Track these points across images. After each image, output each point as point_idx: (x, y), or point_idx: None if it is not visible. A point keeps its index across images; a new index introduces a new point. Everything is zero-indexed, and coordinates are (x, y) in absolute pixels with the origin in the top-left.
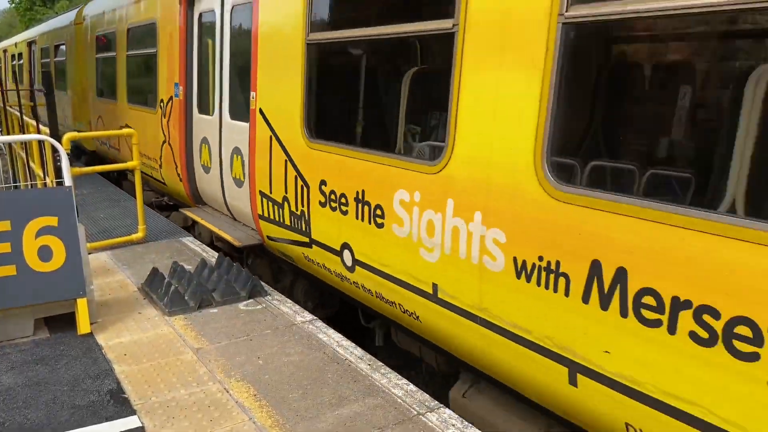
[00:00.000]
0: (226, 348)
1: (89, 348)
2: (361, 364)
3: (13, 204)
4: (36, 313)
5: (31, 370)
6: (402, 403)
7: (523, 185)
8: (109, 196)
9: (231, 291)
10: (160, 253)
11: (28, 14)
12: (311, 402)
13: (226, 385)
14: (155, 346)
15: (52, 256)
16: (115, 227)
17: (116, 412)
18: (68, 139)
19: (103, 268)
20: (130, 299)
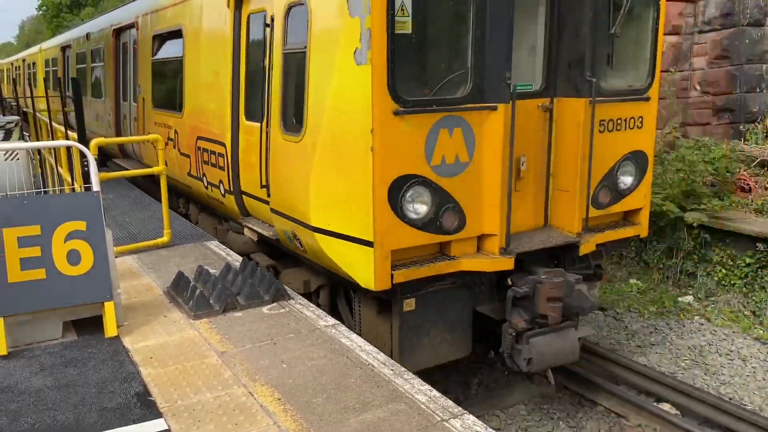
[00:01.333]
0: (250, 352)
1: (116, 351)
2: (384, 369)
3: (43, 209)
4: (64, 316)
5: (60, 372)
6: (425, 408)
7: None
8: (135, 200)
9: (255, 295)
10: (185, 257)
11: (54, 21)
12: (335, 407)
13: (250, 389)
14: (181, 350)
15: (81, 260)
16: (140, 231)
17: (143, 414)
18: (95, 144)
19: (129, 272)
20: (155, 302)
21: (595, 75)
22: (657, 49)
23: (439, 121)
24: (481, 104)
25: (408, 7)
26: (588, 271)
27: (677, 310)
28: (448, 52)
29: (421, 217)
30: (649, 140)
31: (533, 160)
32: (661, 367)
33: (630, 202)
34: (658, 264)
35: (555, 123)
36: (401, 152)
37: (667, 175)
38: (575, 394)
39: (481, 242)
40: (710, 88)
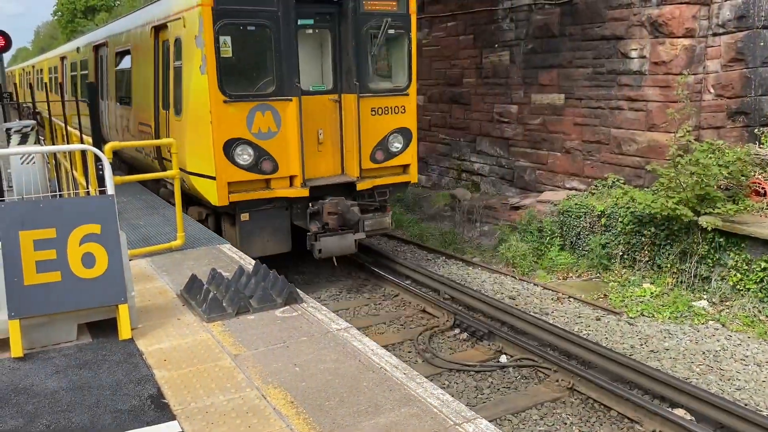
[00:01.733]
0: (263, 354)
1: (130, 353)
2: (396, 373)
3: (59, 212)
4: (79, 319)
5: (75, 374)
6: (438, 413)
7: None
8: (148, 203)
9: (268, 298)
10: (197, 260)
11: (69, 26)
12: (348, 410)
13: (263, 392)
14: (194, 352)
15: (95, 263)
16: (154, 235)
17: (157, 417)
18: (110, 148)
19: (142, 275)
20: (169, 305)
21: (360, 80)
22: (412, 62)
23: (255, 107)
24: (282, 97)
25: (228, 42)
26: (375, 204)
27: (691, 315)
28: (257, 67)
29: (247, 163)
30: (411, 120)
31: (329, 133)
32: (675, 372)
33: (401, 159)
34: (671, 268)
35: (342, 110)
36: (230, 125)
37: (681, 179)
38: (587, 399)
39: (292, 180)
40: (724, 92)
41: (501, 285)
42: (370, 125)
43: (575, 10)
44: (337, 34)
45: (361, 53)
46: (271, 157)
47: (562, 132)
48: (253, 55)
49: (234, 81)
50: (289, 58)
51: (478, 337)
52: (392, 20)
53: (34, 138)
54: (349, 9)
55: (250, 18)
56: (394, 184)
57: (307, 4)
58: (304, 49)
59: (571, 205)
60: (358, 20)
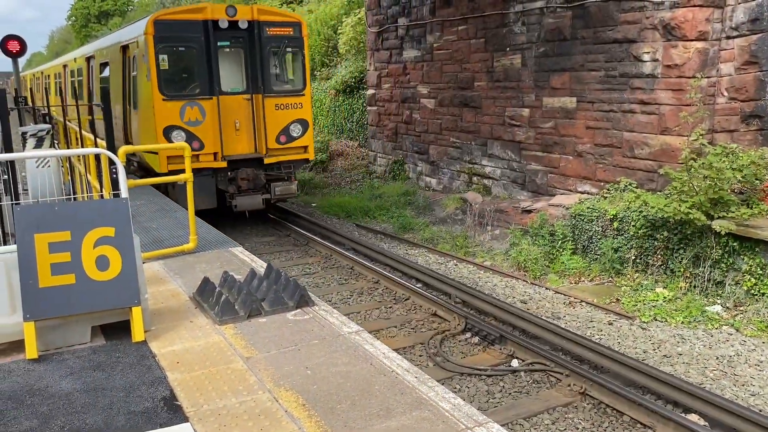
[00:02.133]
0: (275, 357)
1: (143, 355)
2: (407, 377)
3: (74, 215)
4: (93, 321)
5: (89, 376)
6: (450, 416)
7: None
8: (161, 207)
9: (279, 301)
10: (210, 263)
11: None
12: (359, 413)
13: (275, 394)
14: (206, 355)
15: (109, 266)
16: (166, 237)
17: (170, 419)
18: (124, 152)
19: (155, 278)
20: (181, 308)
21: (265, 84)
22: (306, 71)
23: (185, 103)
24: (205, 97)
25: (165, 59)
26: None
27: (705, 320)
28: (187, 75)
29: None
30: (307, 113)
31: (244, 122)
32: (688, 377)
33: (300, 142)
34: (684, 272)
35: (253, 106)
36: (168, 116)
37: (694, 182)
38: (600, 403)
39: (215, 156)
40: (738, 95)
41: (512, 289)
42: (275, 117)
43: (587, 14)
44: (248, 52)
45: (265, 65)
46: (198, 138)
47: (574, 135)
48: (183, 68)
49: (170, 85)
50: (210, 70)
51: (489, 341)
52: (289, 42)
53: (50, 142)
54: (255, 34)
55: (181, 42)
56: (295, 160)
57: (224, 31)
58: (224, 62)
59: (583, 209)
60: (262, 42)
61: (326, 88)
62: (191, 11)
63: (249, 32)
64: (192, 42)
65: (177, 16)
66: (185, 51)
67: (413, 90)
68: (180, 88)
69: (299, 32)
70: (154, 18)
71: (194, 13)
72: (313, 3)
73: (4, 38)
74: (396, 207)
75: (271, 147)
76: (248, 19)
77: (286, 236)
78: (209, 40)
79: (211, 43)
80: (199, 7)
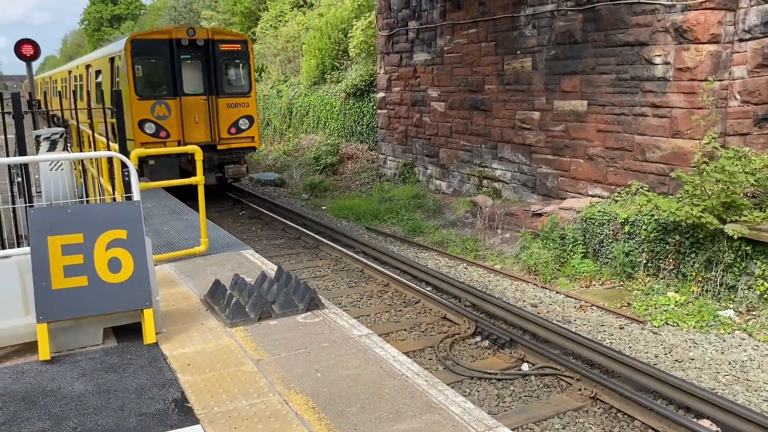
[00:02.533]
0: (285, 360)
1: (155, 357)
2: (417, 380)
3: (86, 217)
4: (105, 323)
5: (101, 378)
6: (460, 420)
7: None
8: (172, 209)
9: (290, 303)
10: (221, 266)
11: (96, 34)
12: (369, 416)
13: (285, 397)
14: (217, 357)
15: (121, 268)
16: (178, 240)
17: (181, 420)
18: (136, 155)
19: (167, 280)
20: (192, 310)
21: (218, 88)
22: (251, 78)
23: (155, 102)
24: (170, 97)
25: (140, 68)
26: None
27: (717, 324)
28: (157, 81)
29: (151, 132)
30: (253, 111)
31: (202, 117)
32: (700, 382)
33: (248, 133)
34: (696, 276)
35: (209, 104)
36: (141, 112)
37: (706, 186)
38: (611, 408)
39: (179, 142)
40: (751, 98)
41: (523, 292)
42: (226, 113)
43: (598, 17)
44: (204, 63)
45: (218, 73)
46: (165, 129)
47: (585, 139)
48: (154, 75)
49: (143, 88)
50: (174, 76)
51: (499, 345)
52: (237, 55)
53: (63, 145)
54: (210, 50)
55: (152, 56)
56: (243, 147)
57: (186, 48)
58: (186, 70)
59: (594, 213)
60: (216, 55)
61: (336, 92)
62: (160, 32)
63: (205, 48)
64: (160, 56)
65: (149, 37)
66: (155, 62)
67: (423, 93)
68: (151, 90)
69: (246, 48)
70: (131, 38)
71: (162, 34)
72: (324, 7)
73: (19, 42)
74: (406, 210)
75: (224, 136)
76: (204, 38)
77: (296, 239)
78: (173, 54)
79: (175, 56)
80: (166, 30)
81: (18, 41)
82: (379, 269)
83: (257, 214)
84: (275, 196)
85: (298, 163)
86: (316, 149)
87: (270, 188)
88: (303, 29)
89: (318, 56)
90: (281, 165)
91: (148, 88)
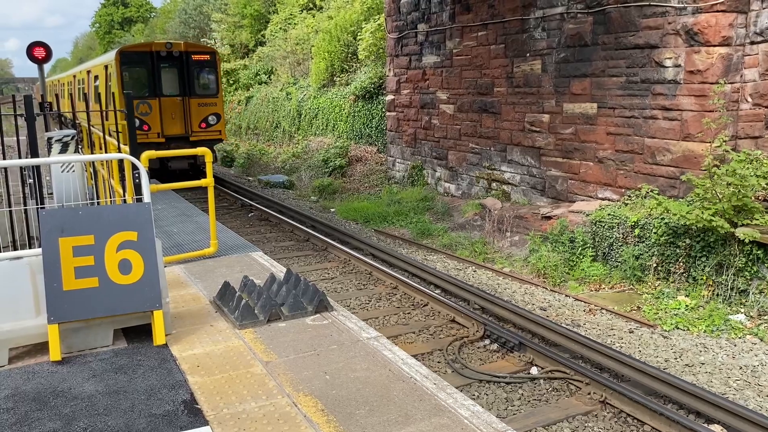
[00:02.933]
0: (294, 362)
1: (164, 359)
2: (426, 383)
3: (97, 219)
4: (115, 324)
5: (111, 379)
6: (469, 423)
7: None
8: (182, 211)
9: (298, 306)
10: (230, 268)
11: (107, 37)
12: (378, 419)
13: (294, 399)
14: (226, 359)
15: (131, 270)
16: (187, 242)
17: (190, 422)
18: (146, 157)
19: (176, 282)
20: (202, 312)
21: (190, 90)
22: (218, 83)
23: (139, 101)
24: (151, 98)
25: (127, 75)
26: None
27: (728, 329)
28: (140, 85)
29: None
30: (220, 110)
31: (178, 114)
32: (711, 387)
33: (216, 127)
34: (707, 280)
35: (184, 104)
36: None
37: (717, 189)
38: (620, 412)
39: (159, 134)
40: (762, 101)
41: (532, 296)
42: (198, 111)
43: (608, 19)
44: (179, 70)
45: (191, 78)
46: (147, 123)
47: (595, 141)
48: (138, 80)
49: (129, 90)
50: (155, 81)
51: (508, 348)
52: (206, 64)
53: (74, 147)
54: (185, 59)
55: (137, 65)
56: (212, 139)
57: (164, 58)
58: (165, 76)
59: (604, 216)
60: (189, 65)
61: (345, 94)
62: (142, 45)
63: (180, 58)
64: (143, 64)
65: (134, 49)
66: (139, 69)
67: (432, 95)
68: (136, 91)
69: (214, 58)
70: (119, 50)
71: (145, 47)
72: (333, 9)
73: (30, 45)
74: (414, 212)
75: (195, 130)
76: (180, 50)
77: (305, 241)
78: (154, 63)
79: (155, 65)
80: (148, 43)
81: (30, 44)
82: (387, 272)
83: (266, 215)
84: (284, 198)
85: (307, 166)
86: (325, 152)
87: (279, 190)
88: (312, 32)
89: (327, 59)
90: (290, 167)
91: (133, 90)
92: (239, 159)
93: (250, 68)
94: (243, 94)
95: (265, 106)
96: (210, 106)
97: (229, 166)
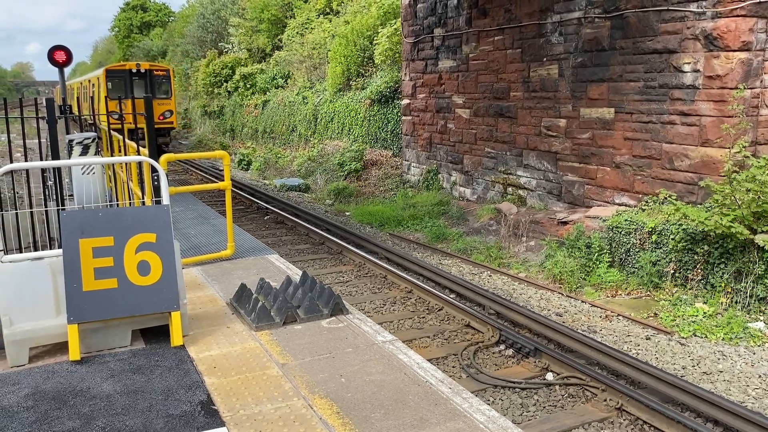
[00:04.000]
0: (309, 364)
1: (181, 360)
2: (441, 387)
3: (117, 220)
4: (133, 325)
5: (129, 379)
6: (484, 428)
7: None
8: (199, 213)
9: (314, 308)
10: (246, 270)
11: (126, 41)
12: (393, 423)
13: (310, 401)
14: (243, 360)
15: (150, 271)
16: (205, 244)
17: (207, 423)
18: (166, 160)
19: (194, 283)
20: (219, 313)
21: (153, 93)
22: (171, 89)
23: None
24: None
25: (110, 84)
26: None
27: (747, 336)
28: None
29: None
30: (172, 107)
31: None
32: (729, 395)
33: (170, 119)
34: (725, 287)
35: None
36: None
37: (737, 195)
38: (637, 420)
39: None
40: None
41: (548, 301)
42: (158, 108)
43: (626, 24)
44: (145, 82)
45: (154, 86)
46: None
47: (612, 146)
48: (118, 88)
49: (111, 94)
50: (130, 89)
51: (523, 354)
52: (164, 78)
53: (95, 149)
54: (148, 75)
55: (117, 78)
56: (167, 127)
57: (136, 73)
58: (137, 86)
59: (621, 221)
60: (152, 78)
61: (361, 98)
62: (122, 65)
63: (146, 74)
64: (122, 78)
65: (116, 67)
66: (118, 81)
67: (448, 100)
68: (116, 95)
69: (168, 74)
70: (106, 69)
71: (123, 66)
72: (350, 14)
73: (52, 49)
74: (429, 217)
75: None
76: (146, 69)
77: (320, 244)
78: (130, 77)
79: (131, 78)
80: (125, 63)
81: (51, 48)
82: (402, 276)
83: (282, 218)
84: (299, 202)
85: (323, 169)
86: (340, 155)
87: (295, 193)
88: (329, 36)
89: (343, 63)
90: (306, 171)
91: (115, 94)
92: (256, 162)
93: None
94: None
95: (282, 110)
96: (166, 104)
97: (246, 169)
